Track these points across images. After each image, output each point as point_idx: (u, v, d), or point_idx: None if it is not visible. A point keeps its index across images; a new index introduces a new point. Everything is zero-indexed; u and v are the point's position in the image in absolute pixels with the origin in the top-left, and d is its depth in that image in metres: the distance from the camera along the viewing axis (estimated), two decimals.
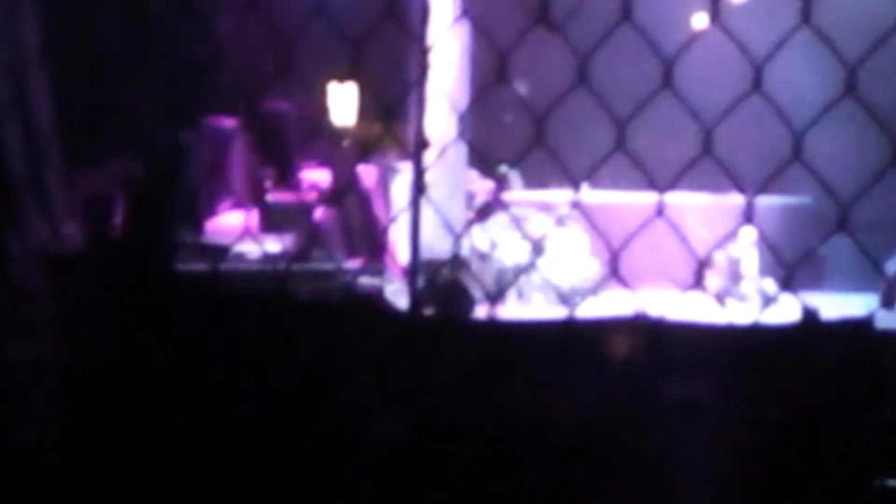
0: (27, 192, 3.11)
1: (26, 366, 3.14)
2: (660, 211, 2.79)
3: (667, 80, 2.68)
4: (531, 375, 2.97)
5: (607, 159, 2.72)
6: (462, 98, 13.09)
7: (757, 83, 2.62)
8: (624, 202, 14.05)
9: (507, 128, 14.64)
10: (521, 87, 13.90)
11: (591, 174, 2.95)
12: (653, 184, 2.79)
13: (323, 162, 14.74)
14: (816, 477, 3.01)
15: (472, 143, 11.70)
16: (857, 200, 2.65)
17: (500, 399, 2.93)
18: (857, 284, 10.87)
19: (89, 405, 3.17)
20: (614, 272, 2.79)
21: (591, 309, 3.29)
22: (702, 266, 2.85)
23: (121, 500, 3.12)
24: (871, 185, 2.67)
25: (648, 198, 2.94)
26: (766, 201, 12.77)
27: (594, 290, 12.96)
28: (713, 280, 13.56)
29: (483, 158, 13.63)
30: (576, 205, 13.01)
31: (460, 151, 13.94)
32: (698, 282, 2.93)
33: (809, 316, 3.56)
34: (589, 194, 13.90)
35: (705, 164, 2.92)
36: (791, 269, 2.58)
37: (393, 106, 3.50)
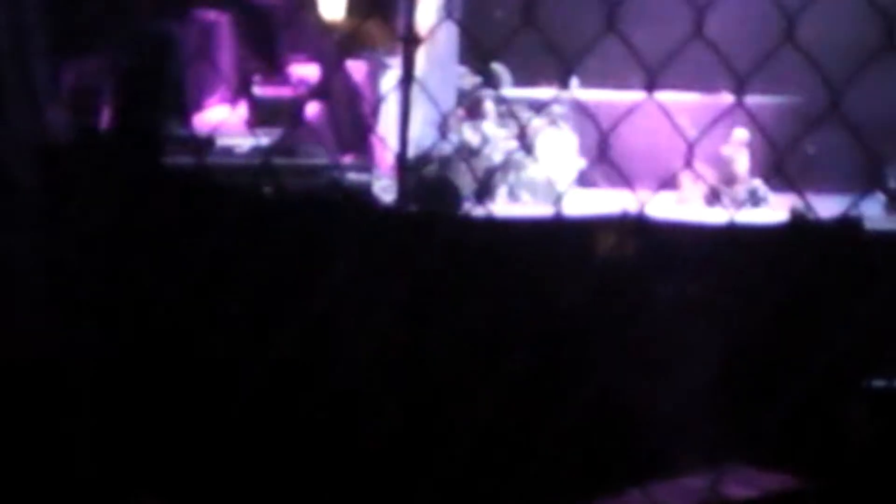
0: (13, 78, 3.08)
1: (13, 256, 3.14)
2: (649, 88, 2.76)
3: None
4: (517, 269, 2.97)
5: (599, 40, 2.69)
6: None
7: None
8: (613, 100, 13.96)
9: (498, 24, 14.52)
10: None
11: (583, 56, 2.92)
12: (642, 65, 2.76)
13: (311, 56, 14.62)
14: (804, 375, 3.03)
15: (462, 27, 11.58)
16: (849, 84, 2.62)
17: (486, 290, 2.94)
18: (847, 185, 10.87)
19: (75, 295, 3.17)
20: (603, 157, 2.77)
21: (580, 208, 3.28)
22: (692, 149, 2.84)
23: (107, 385, 3.14)
24: (864, 65, 2.65)
25: (637, 96, 2.92)
26: (755, 100, 12.70)
27: (582, 177, 12.82)
28: (707, 174, 13.55)
29: (474, 45, 13.51)
30: (565, 100, 12.94)
31: (450, 46, 13.82)
32: (689, 164, 2.91)
33: (797, 217, 3.56)
34: (578, 92, 13.81)
35: (695, 61, 2.89)
36: (780, 156, 2.56)
37: None
